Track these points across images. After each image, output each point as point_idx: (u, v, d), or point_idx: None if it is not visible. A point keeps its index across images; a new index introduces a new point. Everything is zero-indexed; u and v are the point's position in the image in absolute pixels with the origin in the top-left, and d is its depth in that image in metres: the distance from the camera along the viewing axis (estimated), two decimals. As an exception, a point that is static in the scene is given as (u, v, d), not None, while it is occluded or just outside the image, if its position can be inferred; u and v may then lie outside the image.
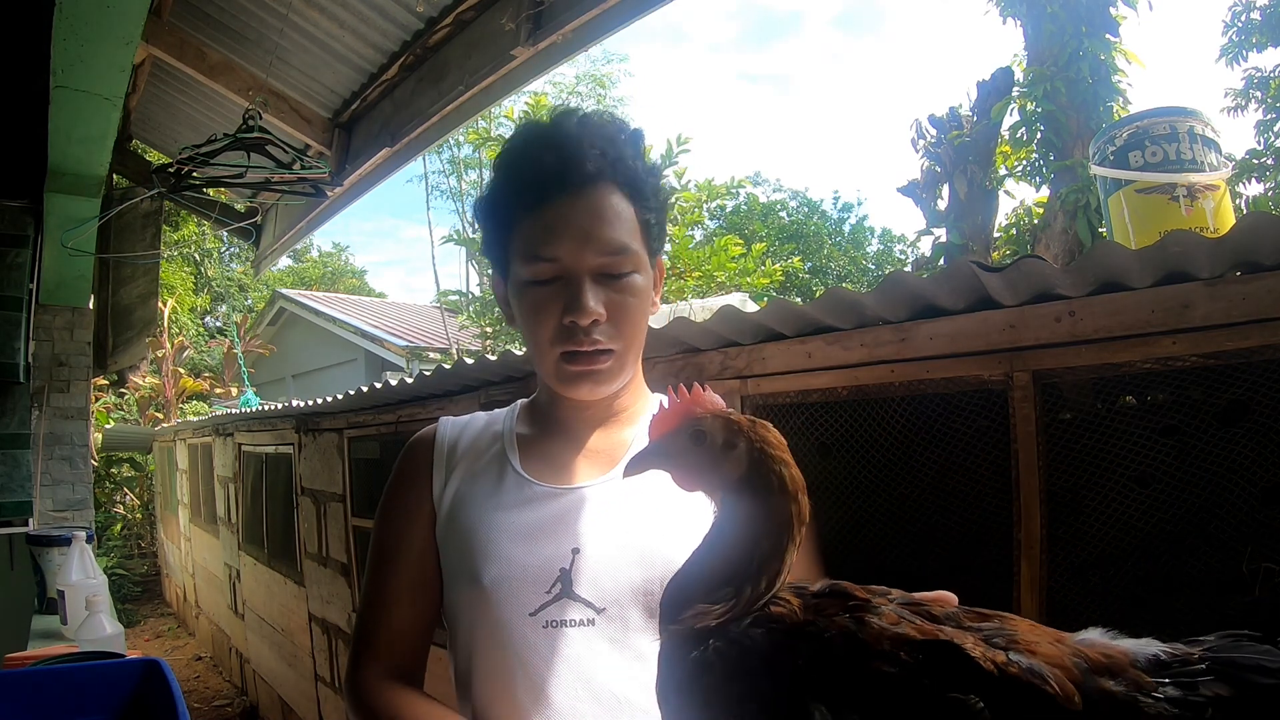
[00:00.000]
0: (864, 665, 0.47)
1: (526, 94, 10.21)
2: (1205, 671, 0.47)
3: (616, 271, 0.84)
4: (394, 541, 0.91)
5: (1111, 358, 1.09)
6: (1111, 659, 0.49)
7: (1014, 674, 0.46)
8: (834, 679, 0.47)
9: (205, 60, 3.80)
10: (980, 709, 0.45)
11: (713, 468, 0.55)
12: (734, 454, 0.55)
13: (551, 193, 0.83)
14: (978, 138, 7.44)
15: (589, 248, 0.82)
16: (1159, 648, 0.50)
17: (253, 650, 5.31)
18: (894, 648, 0.48)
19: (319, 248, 25.69)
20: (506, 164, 0.88)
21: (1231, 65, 9.50)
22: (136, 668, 1.27)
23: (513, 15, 2.88)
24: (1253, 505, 1.06)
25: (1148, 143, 1.87)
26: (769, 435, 0.56)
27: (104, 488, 9.62)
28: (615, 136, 0.86)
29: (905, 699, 0.46)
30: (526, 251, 0.84)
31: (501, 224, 0.88)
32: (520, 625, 0.83)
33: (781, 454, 0.56)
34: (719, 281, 9.74)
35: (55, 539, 2.41)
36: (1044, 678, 0.46)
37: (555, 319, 0.83)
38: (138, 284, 5.43)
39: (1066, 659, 0.48)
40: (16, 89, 3.08)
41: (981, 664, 0.46)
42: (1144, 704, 0.46)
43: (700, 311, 2.79)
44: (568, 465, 0.91)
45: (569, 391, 0.88)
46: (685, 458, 0.56)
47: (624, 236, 0.84)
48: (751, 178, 22.57)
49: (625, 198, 0.85)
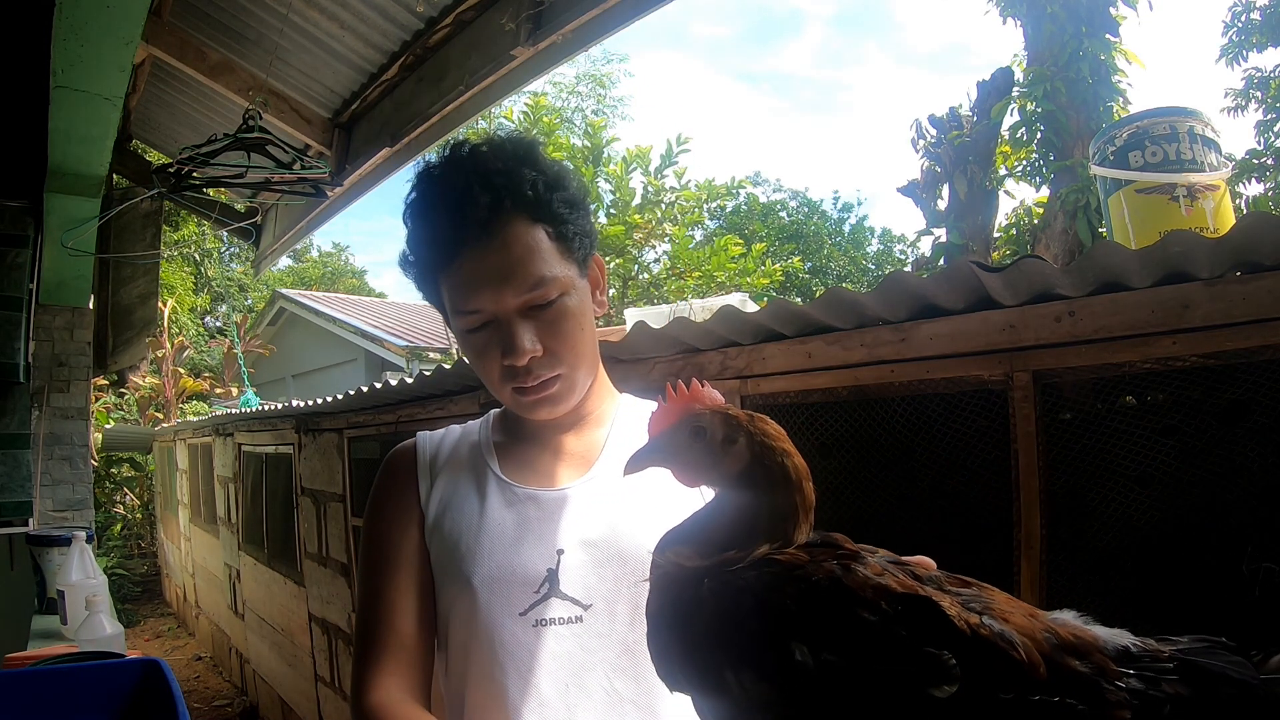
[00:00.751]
0: (846, 610, 0.49)
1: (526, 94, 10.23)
2: (1171, 670, 0.48)
3: (543, 302, 0.84)
4: (388, 549, 0.91)
5: (1111, 358, 1.09)
6: (1081, 641, 0.50)
7: (985, 636, 0.48)
8: (817, 621, 0.49)
9: (205, 60, 3.80)
10: (952, 664, 0.46)
11: (714, 463, 0.55)
12: (735, 448, 0.55)
13: (458, 247, 0.83)
14: (978, 138, 7.44)
15: (507, 290, 0.83)
16: (1130, 640, 0.51)
17: (253, 650, 5.31)
18: (876, 597, 0.49)
19: (319, 248, 25.72)
20: (413, 222, 0.88)
21: (1231, 65, 9.51)
22: (136, 668, 1.27)
23: (513, 15, 2.88)
24: (1253, 505, 1.06)
25: (1148, 143, 1.87)
26: (768, 428, 0.56)
27: (104, 488, 9.62)
28: (507, 165, 0.84)
29: (881, 646, 0.47)
30: (453, 306, 0.87)
31: (427, 281, 0.89)
32: (510, 624, 0.84)
33: (783, 444, 0.56)
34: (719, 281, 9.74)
35: (55, 539, 2.41)
36: (1013, 644, 0.47)
37: (496, 361, 0.86)
38: (138, 284, 5.43)
39: (1038, 632, 0.49)
40: (16, 89, 3.08)
41: (956, 623, 0.48)
42: (1106, 689, 0.47)
43: (700, 311, 2.78)
44: (546, 469, 0.93)
45: (530, 415, 0.92)
46: (685, 454, 0.56)
47: (540, 269, 0.84)
48: (751, 178, 22.59)
49: (533, 224, 0.84)
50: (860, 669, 0.47)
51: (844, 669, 0.47)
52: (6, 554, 2.78)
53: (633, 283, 10.18)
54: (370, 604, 0.89)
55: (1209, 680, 0.48)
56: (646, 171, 9.93)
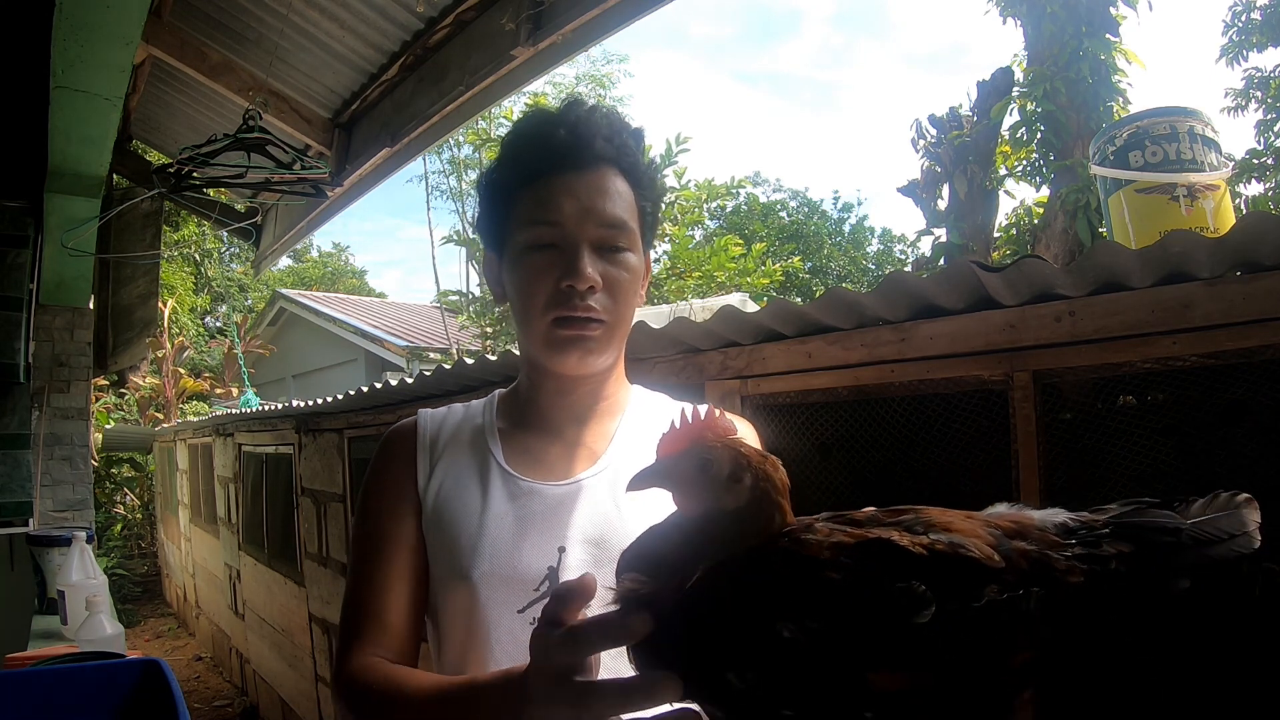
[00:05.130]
0: (814, 578, 0.51)
1: (526, 94, 10.22)
2: (1108, 534, 0.52)
3: (613, 244, 0.86)
4: (381, 534, 0.89)
5: (1111, 358, 1.09)
6: (1021, 524, 0.54)
7: (941, 550, 0.51)
8: (792, 597, 0.51)
9: (205, 60, 3.80)
10: (923, 590, 0.49)
11: (714, 496, 0.56)
12: (738, 487, 0.56)
13: (559, 165, 0.85)
14: (978, 138, 7.44)
15: (590, 218, 0.85)
16: (1065, 515, 0.55)
17: (253, 650, 5.31)
18: (835, 555, 0.52)
19: (319, 248, 25.72)
20: (515, 139, 0.90)
21: (1231, 65, 9.52)
22: (136, 668, 1.27)
23: (513, 15, 2.89)
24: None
25: (1148, 143, 1.87)
26: (775, 476, 0.57)
27: (104, 488, 9.62)
28: (621, 127, 0.89)
29: (857, 598, 0.50)
30: (529, 217, 0.86)
31: (505, 195, 0.89)
32: (508, 622, 0.83)
33: (782, 500, 0.57)
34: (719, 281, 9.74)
35: (55, 539, 2.41)
36: (965, 547, 0.51)
37: (551, 284, 0.84)
38: (138, 284, 5.43)
39: (981, 530, 0.53)
40: (16, 89, 3.08)
41: (912, 550, 0.51)
42: (1054, 560, 0.51)
43: (700, 311, 2.78)
44: (551, 460, 0.91)
45: (557, 360, 0.88)
46: (689, 483, 0.56)
47: (623, 213, 0.87)
48: (751, 178, 22.59)
49: (626, 182, 0.88)
50: (845, 624, 0.49)
51: (832, 630, 0.49)
52: (7, 554, 2.78)
53: (633, 283, 10.17)
54: (358, 589, 0.87)
55: (1143, 533, 0.52)
56: (646, 171, 9.92)
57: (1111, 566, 0.50)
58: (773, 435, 1.58)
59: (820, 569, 0.51)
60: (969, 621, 0.48)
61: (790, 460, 1.59)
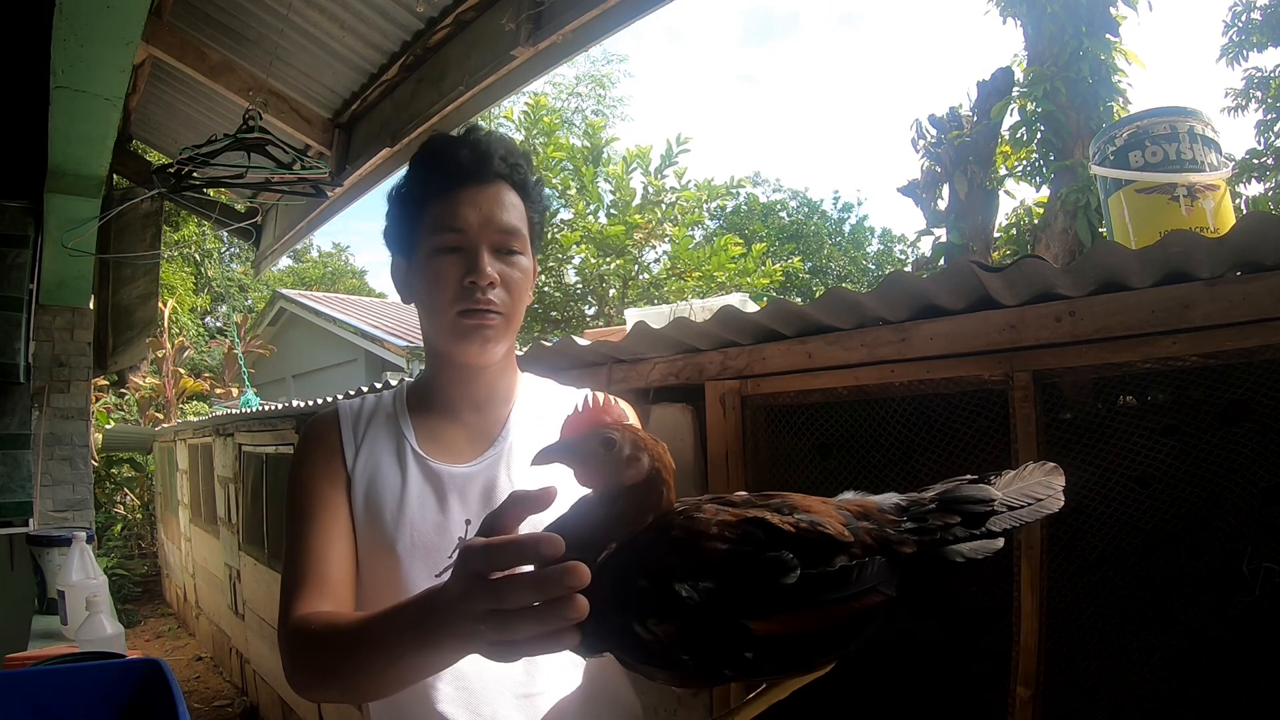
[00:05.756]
0: (704, 547, 0.62)
1: (526, 94, 10.24)
2: (934, 508, 0.66)
3: (509, 248, 1.00)
4: (315, 500, 0.99)
5: (1111, 358, 1.09)
6: (864, 507, 0.67)
7: (804, 528, 0.63)
8: (687, 563, 0.62)
9: (205, 60, 3.80)
10: (790, 557, 0.61)
11: (614, 473, 0.65)
12: (638, 465, 0.65)
13: (463, 180, 0.99)
14: (978, 138, 7.44)
15: (489, 225, 0.98)
16: (897, 498, 0.69)
17: (253, 650, 5.31)
18: (720, 530, 0.63)
19: (319, 248, 25.73)
20: (425, 158, 1.03)
21: (1231, 65, 9.51)
22: (136, 668, 1.27)
23: (513, 15, 2.88)
24: (1253, 505, 1.06)
25: (1148, 143, 1.87)
26: (666, 458, 0.67)
27: (104, 488, 9.62)
28: (514, 149, 1.04)
29: (739, 564, 0.62)
30: (437, 224, 0.99)
31: (416, 205, 1.02)
32: (426, 579, 0.95)
33: (670, 479, 0.68)
34: (719, 281, 9.74)
35: (55, 539, 2.41)
36: (823, 525, 0.64)
37: (456, 281, 0.98)
38: (138, 284, 5.42)
39: (834, 511, 0.66)
40: (16, 89, 3.08)
41: (782, 527, 0.63)
42: (890, 534, 0.64)
43: (700, 311, 2.78)
44: (457, 443, 1.05)
45: (461, 349, 1.00)
46: (591, 460, 0.65)
47: (517, 222, 1.01)
48: (751, 177, 22.59)
49: (519, 196, 1.03)
50: (730, 584, 0.61)
51: (719, 589, 0.61)
52: (7, 554, 2.78)
53: (633, 283, 10.18)
54: (296, 549, 0.96)
55: (962, 504, 0.66)
56: (646, 171, 9.92)
57: (938, 536, 0.64)
58: (773, 435, 1.59)
59: (710, 541, 0.63)
60: (825, 582, 0.61)
61: (790, 460, 1.59)
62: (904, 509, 0.66)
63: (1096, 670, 1.18)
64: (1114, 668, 1.16)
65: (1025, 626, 1.17)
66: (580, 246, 10.04)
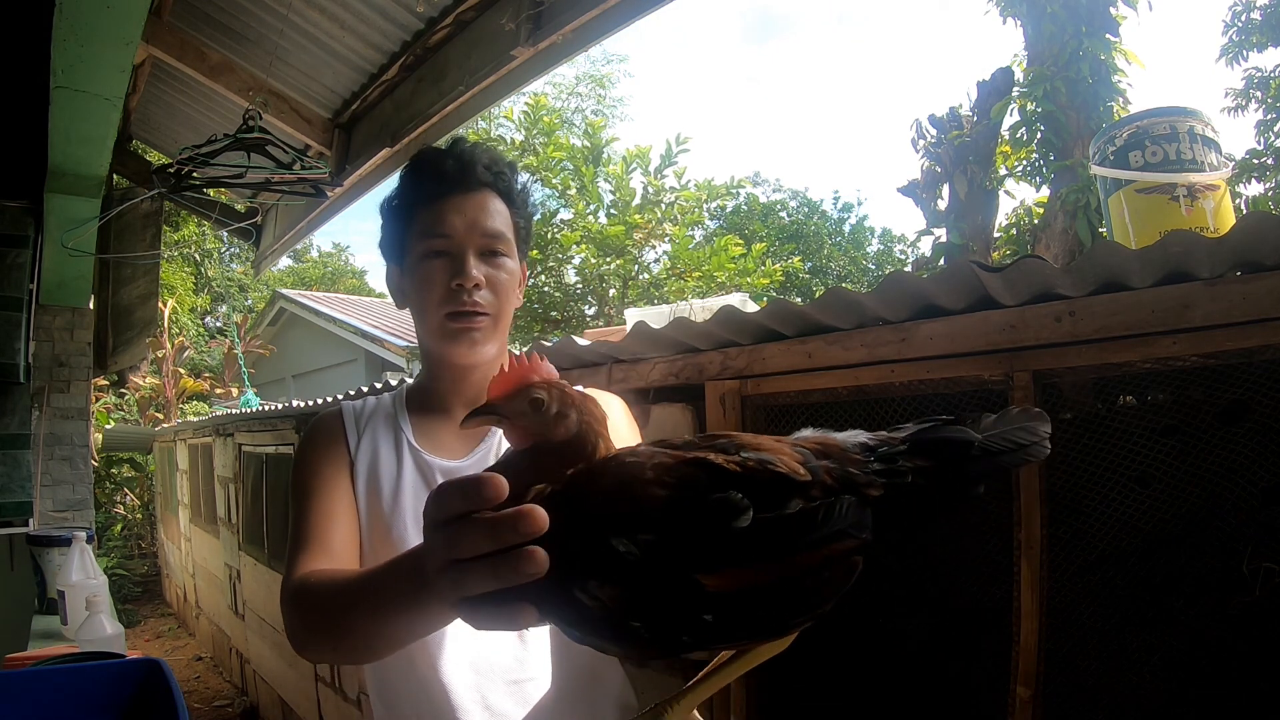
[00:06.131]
0: (641, 494, 0.56)
1: (526, 94, 10.23)
2: (907, 451, 0.58)
3: (493, 250, 1.05)
4: (318, 481, 1.03)
5: (1111, 358, 1.09)
6: (825, 445, 0.59)
7: (752, 467, 0.56)
8: (622, 514, 0.55)
9: (205, 60, 3.80)
10: (740, 499, 0.54)
11: (543, 430, 0.62)
12: (566, 421, 0.62)
13: (449, 189, 1.04)
14: (978, 138, 7.44)
15: (474, 230, 1.03)
16: (865, 436, 0.61)
17: (253, 650, 5.31)
18: (658, 474, 0.56)
19: (319, 248, 25.73)
20: (413, 170, 1.07)
21: (1231, 65, 9.51)
22: (136, 668, 1.27)
23: (513, 15, 2.88)
24: (1253, 505, 1.06)
25: (1148, 143, 1.87)
26: (596, 410, 0.64)
27: (104, 488, 9.62)
28: (498, 159, 1.08)
29: (680, 510, 0.54)
30: (425, 231, 1.03)
31: (405, 214, 1.06)
32: None
33: (601, 429, 0.63)
34: (719, 281, 9.74)
35: (55, 539, 2.41)
36: (773, 463, 0.56)
37: (444, 285, 1.02)
38: (138, 284, 5.42)
39: (788, 449, 0.58)
40: (16, 89, 3.08)
41: (727, 467, 0.56)
42: (855, 475, 0.57)
43: (700, 312, 2.79)
44: (449, 440, 1.10)
45: (450, 349, 1.04)
46: (521, 419, 0.62)
47: (501, 226, 1.05)
48: (751, 177, 22.60)
49: (504, 202, 1.07)
50: (673, 534, 0.54)
51: (661, 540, 0.53)
52: (7, 554, 2.78)
53: (633, 283, 10.18)
54: (301, 519, 0.99)
55: (936, 447, 0.58)
56: (646, 171, 9.92)
57: (909, 480, 0.57)
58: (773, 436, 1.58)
59: (647, 487, 0.56)
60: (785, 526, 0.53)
61: (790, 460, 1.59)
62: (871, 449, 0.59)
63: (1096, 670, 1.18)
64: (1114, 668, 1.16)
65: (1025, 626, 1.17)
66: (580, 246, 10.04)
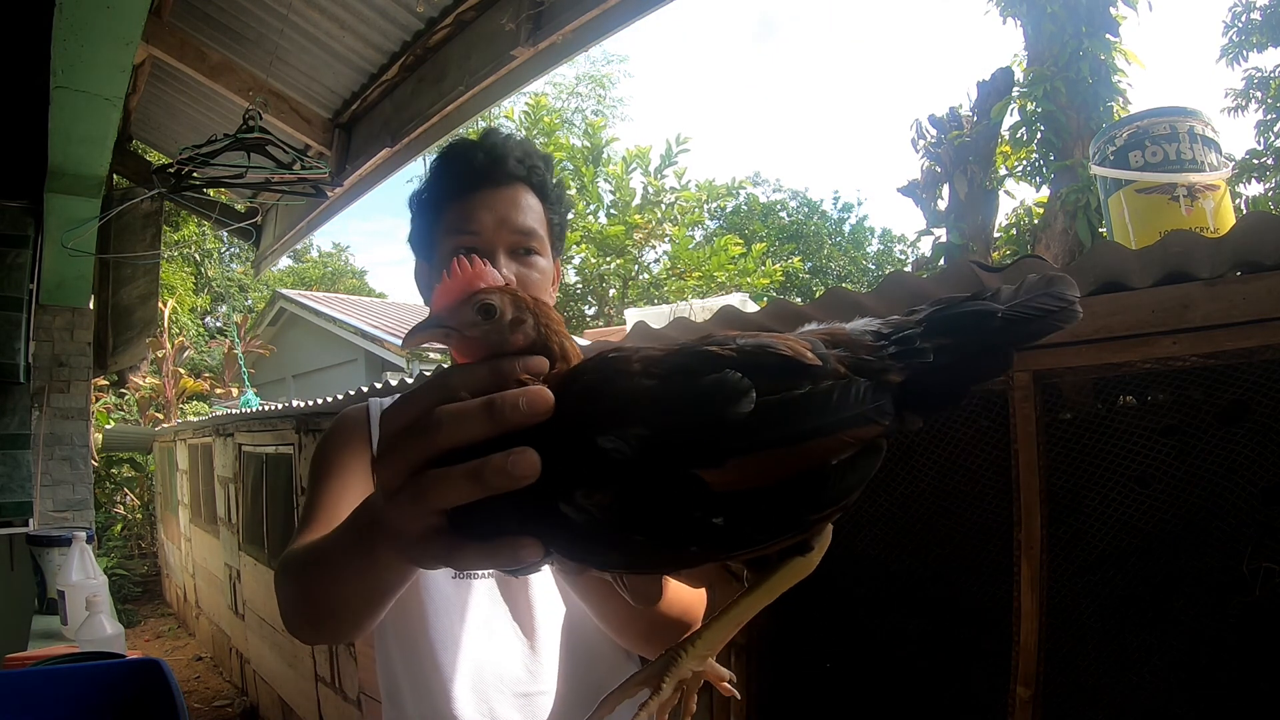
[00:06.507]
0: (628, 387, 0.49)
1: (526, 94, 10.24)
2: (923, 333, 0.52)
3: (525, 248, 1.00)
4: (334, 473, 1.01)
5: (1111, 358, 1.09)
6: (834, 334, 0.53)
7: (749, 349, 0.50)
8: (608, 410, 0.48)
9: (205, 60, 3.80)
10: (739, 378, 0.47)
11: (499, 341, 0.55)
12: (523, 328, 0.55)
13: (478, 183, 1.00)
14: (978, 138, 7.44)
15: (505, 226, 0.99)
16: (877, 323, 0.54)
17: (253, 650, 5.32)
18: (645, 366, 0.50)
19: (319, 248, 25.73)
20: (443, 163, 1.04)
21: (1232, 65, 9.52)
22: (136, 668, 1.27)
23: (513, 16, 2.88)
24: (1253, 505, 1.06)
25: (1148, 143, 1.87)
26: (552, 312, 0.58)
27: (104, 488, 9.62)
28: (531, 152, 1.04)
29: (674, 398, 0.48)
30: (454, 227, 0.99)
31: (434, 209, 1.02)
32: (437, 578, 0.99)
33: (560, 328, 0.57)
34: (719, 281, 9.75)
35: (55, 539, 2.41)
36: (774, 345, 0.50)
37: None
38: (138, 284, 5.42)
39: (790, 337, 0.52)
40: (16, 89, 3.08)
41: (720, 352, 0.50)
42: (869, 360, 0.50)
43: (700, 312, 2.79)
44: None
45: None
46: (471, 329, 0.55)
47: (533, 223, 1.01)
48: (751, 178, 22.61)
49: (536, 198, 1.03)
50: (668, 426, 0.47)
51: (655, 434, 0.47)
52: (7, 554, 2.78)
53: (633, 283, 10.18)
54: (309, 507, 0.97)
55: (956, 322, 0.52)
56: (646, 172, 9.93)
57: (930, 360, 0.50)
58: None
59: (633, 378, 0.50)
60: (794, 408, 0.47)
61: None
62: (885, 335, 0.53)
63: (1096, 670, 1.18)
64: (1114, 668, 1.16)
65: (1025, 626, 1.17)
66: (580, 246, 10.04)
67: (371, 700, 2.82)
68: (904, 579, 1.42)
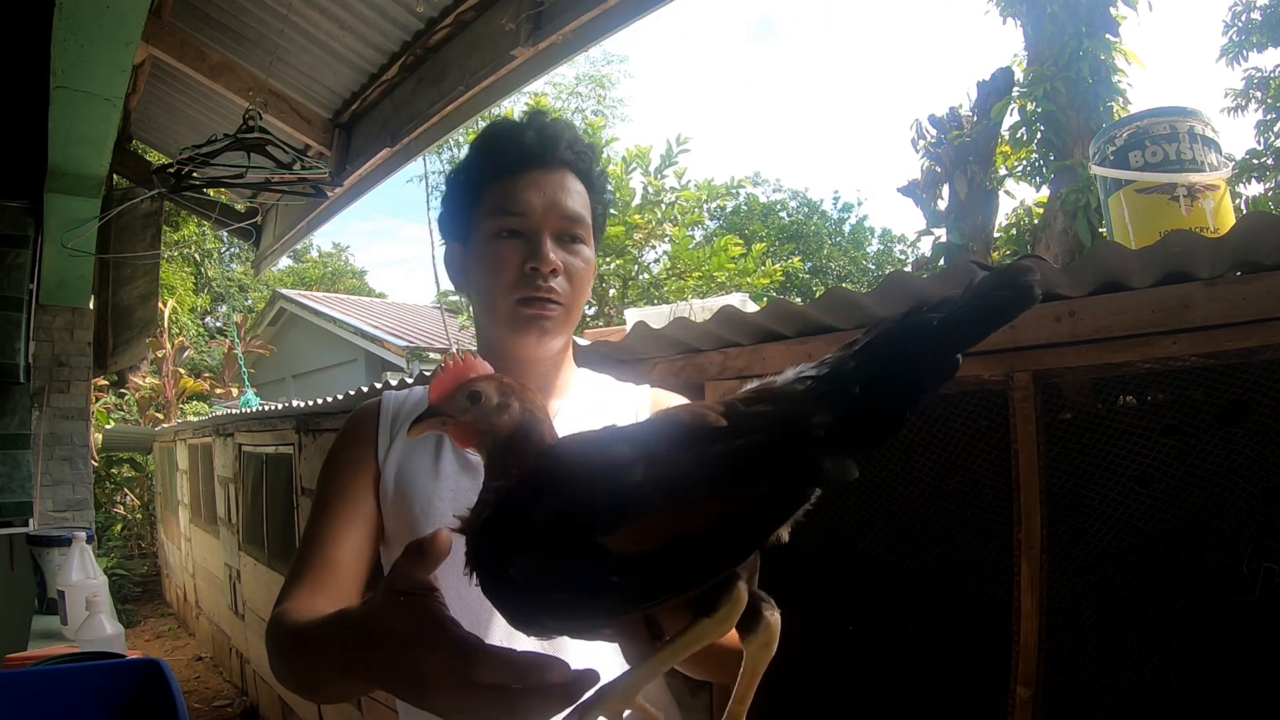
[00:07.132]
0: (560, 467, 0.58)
1: (526, 94, 10.23)
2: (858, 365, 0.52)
3: (572, 234, 0.96)
4: (337, 489, 0.97)
5: (1111, 358, 1.09)
6: (761, 391, 0.55)
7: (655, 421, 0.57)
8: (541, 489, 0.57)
9: (205, 60, 3.80)
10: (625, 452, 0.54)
11: (487, 424, 0.61)
12: (509, 411, 0.61)
13: (528, 163, 0.95)
14: (978, 138, 7.44)
15: (553, 210, 0.94)
16: (812, 367, 0.55)
17: (253, 650, 5.31)
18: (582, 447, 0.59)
19: (319, 248, 25.72)
20: (487, 140, 0.99)
21: (1231, 65, 9.52)
22: (136, 668, 1.27)
23: (513, 16, 2.88)
24: (1253, 505, 1.06)
25: (1148, 143, 1.87)
26: (536, 398, 0.64)
27: (104, 488, 9.62)
28: (580, 138, 1.00)
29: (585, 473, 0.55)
30: (498, 207, 0.94)
31: (474, 188, 0.97)
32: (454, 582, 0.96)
33: (544, 415, 0.63)
34: (719, 282, 9.74)
35: (55, 539, 2.41)
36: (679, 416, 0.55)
37: (517, 267, 0.93)
38: (138, 284, 5.42)
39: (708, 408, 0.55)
40: (16, 89, 3.08)
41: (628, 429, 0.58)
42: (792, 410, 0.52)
43: (700, 312, 2.78)
44: None
45: (518, 340, 0.95)
46: (463, 415, 0.62)
47: (581, 210, 0.97)
48: (751, 178, 22.57)
49: (584, 186, 0.99)
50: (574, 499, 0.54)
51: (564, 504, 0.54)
52: (7, 554, 2.78)
53: (633, 283, 10.18)
54: (309, 536, 0.94)
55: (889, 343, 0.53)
56: (646, 172, 9.92)
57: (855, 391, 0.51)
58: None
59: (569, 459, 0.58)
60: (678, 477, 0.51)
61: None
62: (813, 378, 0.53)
63: (1096, 670, 1.18)
64: (1114, 668, 1.16)
65: (1025, 626, 1.17)
66: (580, 246, 10.02)
67: (371, 700, 2.82)
68: (904, 579, 1.42)
